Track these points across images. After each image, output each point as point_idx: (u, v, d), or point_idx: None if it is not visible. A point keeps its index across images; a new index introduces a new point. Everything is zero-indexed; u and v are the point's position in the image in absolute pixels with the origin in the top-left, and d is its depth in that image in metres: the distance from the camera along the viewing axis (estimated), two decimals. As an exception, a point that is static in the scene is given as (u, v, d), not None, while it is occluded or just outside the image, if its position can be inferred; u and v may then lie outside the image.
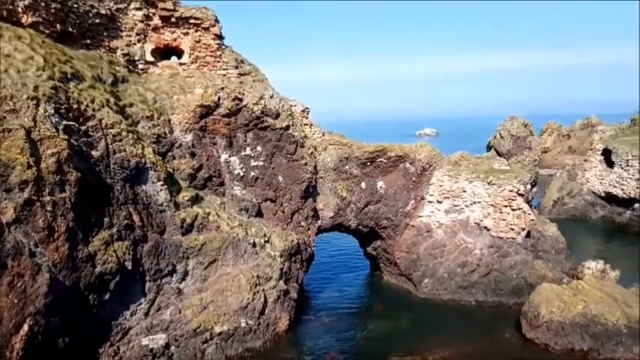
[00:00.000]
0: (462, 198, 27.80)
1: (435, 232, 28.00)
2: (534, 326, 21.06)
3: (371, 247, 29.68)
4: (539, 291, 21.85)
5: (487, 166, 29.05)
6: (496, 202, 27.18)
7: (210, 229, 19.92)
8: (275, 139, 22.60)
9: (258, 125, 22.20)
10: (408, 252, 27.99)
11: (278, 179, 22.90)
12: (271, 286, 20.74)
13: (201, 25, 21.83)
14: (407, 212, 27.94)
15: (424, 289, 27.28)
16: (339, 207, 26.05)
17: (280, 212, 23.02)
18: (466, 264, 26.97)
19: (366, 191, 26.93)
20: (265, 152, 22.54)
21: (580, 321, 20.31)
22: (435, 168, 28.28)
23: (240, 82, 22.40)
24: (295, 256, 22.71)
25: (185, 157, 20.72)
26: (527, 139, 56.19)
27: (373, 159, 26.94)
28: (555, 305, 20.90)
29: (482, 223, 27.48)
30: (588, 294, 21.19)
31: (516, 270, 26.49)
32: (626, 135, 48.52)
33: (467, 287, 26.63)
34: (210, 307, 19.12)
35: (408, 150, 27.84)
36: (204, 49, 22.09)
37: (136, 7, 21.04)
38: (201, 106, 20.93)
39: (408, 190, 27.78)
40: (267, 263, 20.96)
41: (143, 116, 19.68)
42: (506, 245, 27.00)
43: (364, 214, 27.04)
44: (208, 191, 21.44)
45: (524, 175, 28.17)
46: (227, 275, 19.93)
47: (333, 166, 26.10)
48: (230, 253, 20.09)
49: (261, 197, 22.59)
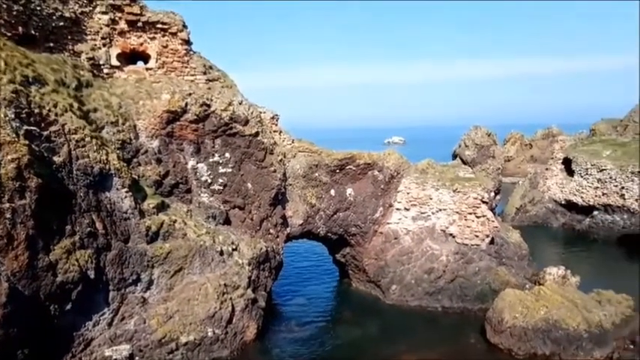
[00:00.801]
0: (428, 205, 28.26)
1: (403, 239, 28.34)
2: (498, 332, 21.50)
3: (340, 254, 29.78)
4: (503, 297, 22.34)
5: (453, 174, 29.62)
6: (461, 209, 27.73)
7: (176, 237, 19.60)
8: (244, 145, 22.48)
9: (226, 131, 22.04)
10: (377, 259, 28.21)
11: (247, 186, 22.76)
12: (239, 294, 20.52)
13: (169, 30, 21.59)
14: (375, 219, 28.18)
15: (392, 295, 27.52)
16: (308, 214, 26.06)
17: (249, 220, 22.86)
18: (432, 270, 27.37)
19: (335, 198, 27.04)
20: (234, 159, 22.37)
21: (542, 326, 20.85)
22: (403, 176, 28.68)
23: (208, 87, 22.22)
24: (264, 264, 22.57)
25: (151, 163, 20.37)
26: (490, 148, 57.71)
27: (342, 166, 27.11)
28: (518, 311, 21.41)
29: (447, 230, 27.98)
30: (550, 299, 21.79)
31: (481, 276, 27.04)
32: (585, 145, 50.36)
33: (433, 293, 27.00)
34: (175, 317, 18.77)
35: (377, 158, 28.14)
36: (171, 55, 21.84)
37: (101, 10, 20.65)
38: (168, 112, 20.65)
39: (376, 198, 28.05)
40: (234, 271, 20.75)
41: (108, 121, 19.28)
42: (470, 252, 27.54)
43: (333, 221, 27.13)
44: (175, 198, 21.12)
45: (488, 183, 28.87)
46: (194, 284, 19.62)
47: (303, 173, 26.12)
48: (197, 261, 19.79)
49: (229, 204, 22.38)
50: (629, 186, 41.69)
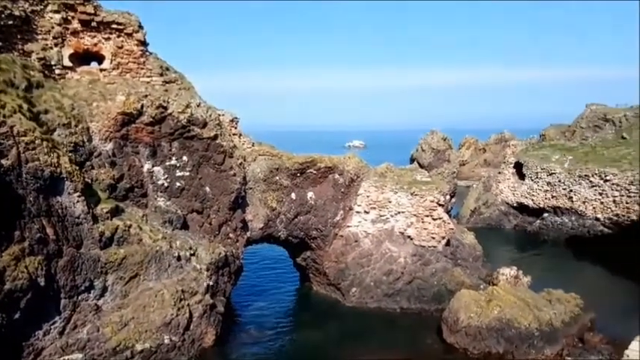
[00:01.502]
0: (387, 208, 28.68)
1: (363, 242, 28.63)
2: (454, 331, 22.04)
3: (301, 257, 29.78)
4: (458, 297, 22.92)
5: (410, 177, 30.20)
6: (418, 212, 28.29)
7: (131, 242, 19.09)
8: (202, 148, 22.16)
9: (184, 134, 21.67)
10: (337, 262, 28.38)
11: (205, 190, 22.43)
12: (197, 300, 20.19)
13: (124, 31, 21.07)
14: (336, 222, 28.36)
15: (352, 298, 27.74)
16: (268, 218, 25.94)
17: (207, 224, 22.53)
18: (391, 272, 27.78)
19: (296, 202, 27.04)
20: (192, 162, 22.02)
21: (496, 325, 21.51)
22: (363, 179, 29.00)
23: (165, 89, 21.81)
24: (223, 269, 22.29)
25: (105, 166, 19.79)
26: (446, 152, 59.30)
27: (303, 170, 27.15)
28: (473, 311, 22.02)
29: (406, 232, 28.47)
30: (503, 299, 22.51)
31: (437, 277, 27.65)
32: (536, 149, 52.39)
33: (392, 295, 27.40)
34: (131, 324, 18.26)
35: (337, 161, 28.35)
36: (126, 55, 21.32)
37: (53, 9, 19.93)
38: (123, 114, 20.13)
39: (337, 201, 28.23)
40: (192, 277, 20.40)
41: (59, 124, 18.60)
42: (428, 253, 28.12)
43: (294, 224, 27.11)
44: (130, 203, 20.58)
45: (444, 187, 29.58)
46: (149, 290, 19.15)
47: (263, 177, 25.99)
48: (153, 267, 19.35)
49: (186, 209, 22.00)
50: (576, 189, 43.64)
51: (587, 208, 42.71)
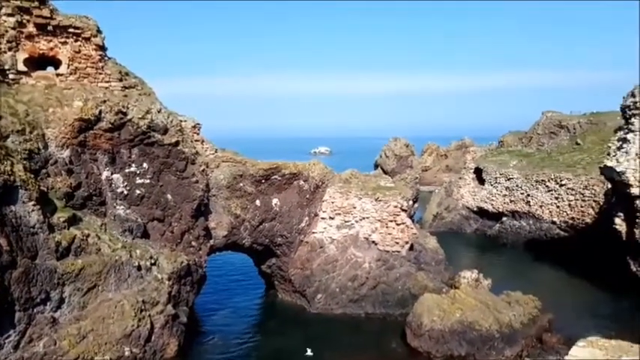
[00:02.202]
0: (352, 214, 28.87)
1: (328, 248, 28.70)
2: (418, 335, 22.32)
3: (266, 265, 29.56)
4: (422, 301, 23.25)
5: (374, 183, 30.52)
6: (383, 217, 28.60)
7: (89, 252, 18.50)
8: (163, 155, 21.75)
9: (144, 141, 21.22)
10: (302, 268, 28.32)
11: (166, 197, 22.00)
12: (158, 310, 19.72)
13: (82, 35, 20.51)
14: (301, 229, 28.31)
15: (317, 304, 27.72)
16: (232, 225, 25.66)
17: (169, 232, 22.09)
18: (356, 278, 27.93)
19: (260, 209, 26.85)
20: (152, 169, 21.56)
21: (458, 328, 21.92)
22: (328, 185, 29.11)
23: (124, 95, 21.32)
24: (185, 278, 21.87)
25: (61, 174, 19.14)
26: (409, 158, 60.30)
27: (268, 176, 27.02)
28: (436, 314, 22.38)
29: (370, 238, 28.71)
30: (464, 302, 22.98)
31: (401, 282, 27.98)
32: (494, 155, 53.91)
33: (357, 300, 27.54)
34: (90, 337, 17.66)
35: (302, 168, 28.36)
36: (84, 60, 20.75)
37: (7, 12, 19.20)
38: (81, 120, 19.55)
39: (302, 207, 28.21)
40: (153, 287, 19.92)
41: (13, 130, 17.89)
42: (392, 258, 28.43)
43: (259, 232, 26.91)
44: (88, 211, 19.96)
45: (407, 192, 30.03)
46: (109, 301, 18.58)
47: (227, 184, 25.72)
48: (112, 277, 18.79)
49: (147, 217, 21.50)
50: (533, 193, 45.07)
51: (544, 211, 44.14)
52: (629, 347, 8.86)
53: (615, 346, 8.86)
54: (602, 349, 8.73)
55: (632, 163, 27.01)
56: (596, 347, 8.80)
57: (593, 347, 8.82)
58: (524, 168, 47.46)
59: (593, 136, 48.40)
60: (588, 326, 24.77)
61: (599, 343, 8.90)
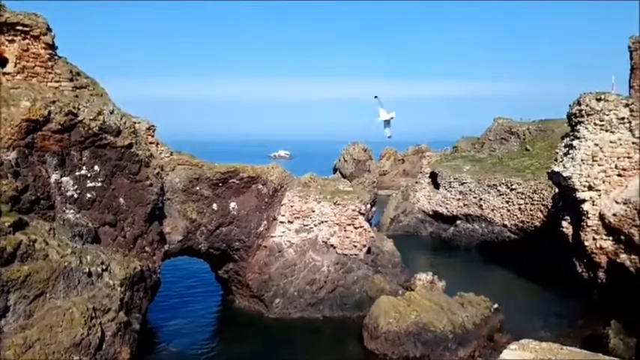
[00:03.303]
0: (311, 218, 28.95)
1: (286, 252, 28.63)
2: (374, 337, 22.57)
3: (223, 270, 29.17)
4: (378, 303, 23.55)
5: (333, 187, 30.73)
6: (341, 221, 28.82)
7: (36, 258, 17.72)
8: (115, 157, 21.12)
9: (95, 143, 20.55)
10: (260, 273, 28.12)
11: (119, 201, 21.37)
12: (110, 318, 19.08)
13: (30, 33, 19.68)
14: (259, 233, 28.13)
15: (275, 309, 27.58)
16: (188, 230, 25.19)
17: (121, 237, 21.45)
18: (314, 281, 28.00)
19: (217, 213, 26.49)
20: (104, 172, 20.91)
21: (413, 330, 22.31)
22: (287, 189, 29.08)
23: (75, 95, 20.59)
24: (138, 285, 21.28)
25: (7, 177, 18.26)
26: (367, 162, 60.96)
27: (225, 180, 26.71)
28: (392, 316, 22.70)
29: (329, 242, 28.87)
30: (420, 304, 23.43)
31: (359, 284, 28.25)
32: (449, 160, 55.33)
33: (315, 304, 27.60)
34: (36, 346, 16.89)
35: (260, 171, 28.21)
36: (33, 59, 19.91)
37: (-53, 6, 18.23)
38: (28, 121, 18.73)
39: (260, 211, 28.03)
40: (105, 294, 19.27)
41: (-48, 130, 16.97)
42: (350, 261, 28.68)
43: (216, 236, 26.53)
44: (35, 215, 19.11)
45: (365, 196, 30.41)
46: (57, 309, 17.84)
47: (182, 187, 25.25)
48: (61, 284, 18.06)
49: (98, 221, 20.80)
50: (485, 197, 46.54)
51: (496, 215, 45.64)
52: (558, 349, 9.22)
53: (545, 348, 9.20)
54: (532, 352, 9.04)
55: (578, 169, 28.32)
56: (526, 350, 9.11)
57: (524, 350, 9.12)
58: (476, 173, 48.94)
59: (542, 143, 50.51)
60: (537, 326, 25.79)
61: (530, 346, 9.24)
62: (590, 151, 28.22)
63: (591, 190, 28.27)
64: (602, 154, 28.16)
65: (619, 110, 28.25)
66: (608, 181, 28.25)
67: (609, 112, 28.20)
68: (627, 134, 28.36)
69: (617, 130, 28.32)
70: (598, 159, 28.16)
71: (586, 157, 28.23)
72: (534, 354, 8.94)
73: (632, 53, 39.07)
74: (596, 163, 28.17)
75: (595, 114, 28.30)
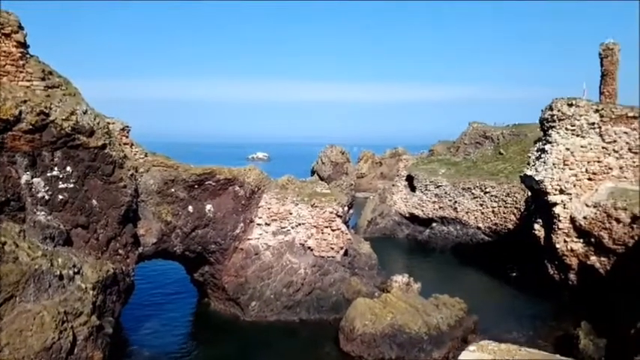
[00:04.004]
0: (288, 220, 28.91)
1: (263, 254, 28.51)
2: (350, 339, 22.64)
3: (198, 273, 28.86)
4: (355, 305, 23.64)
5: (311, 189, 30.75)
6: (318, 223, 28.86)
7: (6, 260, 17.26)
8: (88, 158, 20.72)
9: (68, 143, 20.12)
10: (237, 275, 27.93)
11: (91, 203, 20.96)
12: (81, 322, 18.69)
13: (2, 31, 19.18)
14: (236, 235, 27.94)
15: (251, 312, 27.42)
16: (163, 232, 24.86)
17: (94, 240, 21.04)
18: (291, 284, 27.94)
19: (193, 215, 26.22)
20: (77, 173, 20.49)
21: (389, 331, 22.45)
22: (264, 191, 28.97)
23: (47, 95, 20.13)
24: (111, 288, 20.90)
25: (-26, 178, 17.77)
26: (344, 165, 61.27)
27: (201, 182, 26.46)
28: (368, 318, 22.82)
29: (306, 244, 28.86)
30: (395, 306, 23.60)
31: (336, 287, 28.32)
32: (425, 163, 55.96)
33: (292, 307, 27.54)
34: (5, 351, 16.44)
35: (237, 173, 28.03)
36: (3, 57, 19.39)
37: None
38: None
39: (237, 214, 27.85)
40: (76, 297, 18.87)
41: None
42: (327, 264, 28.72)
43: (191, 238, 26.25)
44: (5, 217, 18.61)
45: (343, 198, 30.52)
46: (27, 313, 17.40)
47: (157, 189, 24.92)
48: (31, 287, 17.62)
49: (70, 223, 20.37)
50: (460, 200, 47.20)
51: (470, 217, 46.33)
52: (517, 350, 9.41)
53: (504, 349, 9.39)
54: (491, 353, 9.21)
55: (550, 173, 28.97)
56: (485, 351, 9.28)
57: (482, 351, 9.29)
58: (452, 176, 49.61)
59: (515, 147, 51.50)
60: (510, 327, 26.24)
61: (489, 347, 9.42)
62: (561, 156, 28.92)
63: (562, 194, 28.98)
64: (573, 158, 28.90)
65: (589, 115, 29.04)
66: (579, 184, 29.01)
67: (580, 117, 28.96)
68: (597, 139, 29.18)
69: (587, 135, 29.10)
70: (569, 163, 28.89)
71: (557, 162, 28.92)
72: (492, 355, 9.10)
73: (603, 60, 40.32)
74: (567, 167, 28.89)
75: (566, 119, 29.02)
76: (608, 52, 39.71)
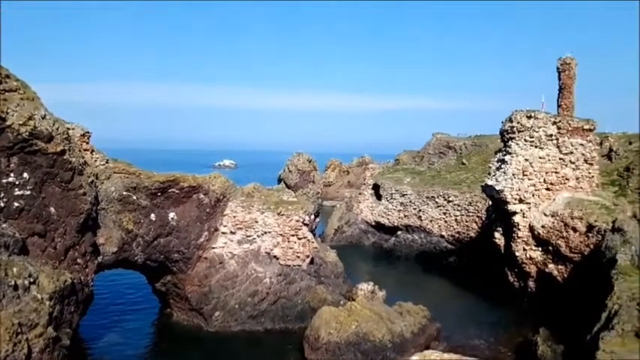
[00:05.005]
0: (254, 228, 28.67)
1: (228, 263, 28.15)
2: (315, 348, 22.57)
3: (160, 282, 28.23)
4: (320, 314, 23.60)
5: (277, 197, 30.63)
6: (284, 231, 28.74)
7: (-45, 271, 16.49)
8: (47, 165, 20.06)
9: (25, 149, 19.43)
10: (200, 285, 27.47)
11: (49, 211, 20.27)
12: (37, 333, 17.98)
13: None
14: (200, 244, 27.52)
15: (215, 322, 27.00)
16: (124, 241, 24.22)
17: (51, 248, 20.32)
18: (256, 293, 27.68)
19: (155, 223, 25.69)
20: (34, 180, 19.79)
21: (353, 340, 22.49)
22: (229, 199, 28.67)
23: (4, 99, 19.41)
24: (69, 298, 20.21)
25: None
26: (311, 173, 61.44)
27: (164, 189, 25.98)
28: (333, 327, 22.81)
29: (272, 252, 28.67)
30: (360, 314, 23.68)
31: (301, 295, 28.22)
32: (391, 172, 56.65)
33: (256, 316, 27.26)
34: (-48, 367, 15.66)
35: (202, 180, 27.67)
36: (-45, 58, 18.64)
37: None
38: (-50, 124, 17.49)
39: (201, 222, 27.45)
40: (32, 308, 18.15)
41: None
42: (293, 272, 28.60)
43: (153, 247, 25.69)
44: (-45, 226, 17.81)
45: (309, 207, 30.51)
46: (-22, 326, 16.64)
47: (118, 197, 24.31)
48: (-18, 298, 16.86)
49: (26, 232, 19.61)
50: (424, 209, 47.97)
51: (434, 226, 47.13)
52: None
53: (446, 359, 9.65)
54: None
55: (509, 182, 29.82)
56: None
57: None
58: (416, 185, 50.41)
59: (477, 157, 52.84)
60: (472, 334, 26.72)
61: (432, 357, 9.68)
62: (520, 166, 29.84)
63: (522, 203, 29.88)
64: (531, 168, 29.86)
65: (547, 127, 30.12)
66: (538, 194, 29.98)
67: (539, 129, 29.99)
68: (555, 150, 30.27)
69: (545, 147, 30.16)
70: (528, 173, 29.83)
71: (517, 172, 29.81)
72: None
73: (561, 74, 41.88)
74: (526, 177, 29.82)
75: (525, 131, 29.99)
76: (566, 67, 41.25)
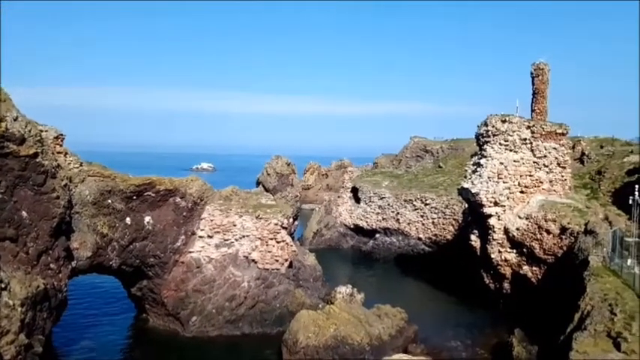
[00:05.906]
0: (232, 232, 28.45)
1: (205, 268, 27.87)
2: (293, 352, 22.48)
3: (136, 287, 27.78)
4: (298, 318, 23.53)
5: (255, 201, 30.49)
6: (263, 235, 28.59)
7: None
8: (19, 168, 19.56)
9: (-4, 152, 18.95)
10: (177, 290, 27.13)
11: (21, 215, 19.76)
12: (8, 341, 17.49)
13: None
14: (176, 248, 27.20)
15: (192, 327, 26.69)
16: (98, 245, 23.77)
17: (23, 253, 19.80)
18: (234, 297, 27.46)
19: (131, 227, 25.29)
20: (5, 183, 19.27)
21: (332, 343, 22.48)
22: (207, 202, 28.41)
23: (-26, 100, 18.93)
24: (41, 304, 19.72)
25: None
26: (290, 176, 61.32)
27: (140, 192, 25.61)
28: (311, 331, 22.76)
29: (250, 256, 28.48)
30: (339, 317, 23.70)
31: (280, 300, 28.10)
32: (369, 175, 56.96)
33: (234, 321, 27.04)
34: None
35: (179, 184, 27.36)
36: None
37: None
38: None
39: (178, 226, 27.14)
40: (3, 314, 17.66)
41: None
42: (271, 276, 28.47)
43: (129, 252, 25.27)
44: None
45: (288, 210, 30.44)
46: (-55, 334, 16.13)
47: (93, 200, 23.85)
48: (-51, 306, 16.34)
49: (-3, 237, 19.12)
50: (402, 212, 48.34)
51: (412, 229, 47.52)
52: None
53: None
54: None
55: (485, 185, 30.27)
56: None
57: None
58: (394, 188, 50.78)
59: (454, 160, 53.53)
60: (448, 336, 27.01)
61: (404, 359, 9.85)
62: (495, 169, 30.34)
63: (497, 206, 30.35)
64: (506, 172, 30.39)
65: (522, 131, 30.71)
66: (512, 197, 30.50)
67: (513, 133, 30.56)
68: (529, 154, 30.88)
69: (519, 150, 30.74)
70: (503, 177, 30.35)
71: (492, 175, 30.30)
72: None
73: (534, 79, 42.81)
74: (501, 180, 30.33)
75: (500, 134, 30.51)
76: (539, 72, 42.20)
